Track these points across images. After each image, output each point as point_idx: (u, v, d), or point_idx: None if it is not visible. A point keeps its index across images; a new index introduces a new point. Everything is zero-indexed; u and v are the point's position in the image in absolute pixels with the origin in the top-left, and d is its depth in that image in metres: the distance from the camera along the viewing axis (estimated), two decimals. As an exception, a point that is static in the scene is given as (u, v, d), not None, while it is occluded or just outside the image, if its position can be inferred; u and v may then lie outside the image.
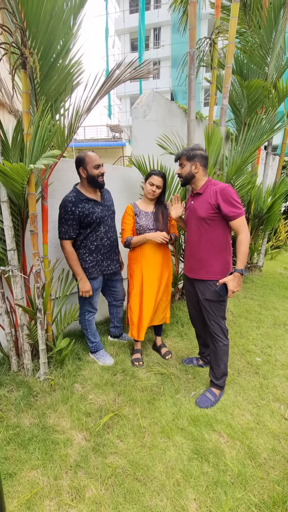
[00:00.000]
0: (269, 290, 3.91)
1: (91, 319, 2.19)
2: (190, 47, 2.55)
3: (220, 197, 1.62)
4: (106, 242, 2.07)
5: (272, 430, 1.66)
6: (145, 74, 1.91)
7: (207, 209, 1.67)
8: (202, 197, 1.72)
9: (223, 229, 1.71)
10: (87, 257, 2.02)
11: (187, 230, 1.86)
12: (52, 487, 1.31)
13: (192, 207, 1.78)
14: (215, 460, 1.46)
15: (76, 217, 1.89)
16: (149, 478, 1.37)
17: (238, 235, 1.63)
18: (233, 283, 1.62)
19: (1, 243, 1.76)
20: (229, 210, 1.61)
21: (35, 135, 1.46)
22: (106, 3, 15.68)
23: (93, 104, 1.86)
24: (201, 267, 1.78)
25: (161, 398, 1.87)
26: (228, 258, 1.76)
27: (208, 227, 1.70)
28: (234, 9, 2.58)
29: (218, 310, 1.78)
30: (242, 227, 1.62)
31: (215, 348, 1.82)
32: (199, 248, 1.76)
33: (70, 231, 1.91)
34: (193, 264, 1.83)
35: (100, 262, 2.07)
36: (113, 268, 2.17)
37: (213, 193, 1.65)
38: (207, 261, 1.75)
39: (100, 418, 1.68)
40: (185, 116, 3.58)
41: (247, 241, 1.61)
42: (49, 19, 1.30)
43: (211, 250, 1.73)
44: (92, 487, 1.32)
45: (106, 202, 2.07)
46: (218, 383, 1.86)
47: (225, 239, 1.73)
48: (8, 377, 1.90)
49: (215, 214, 1.66)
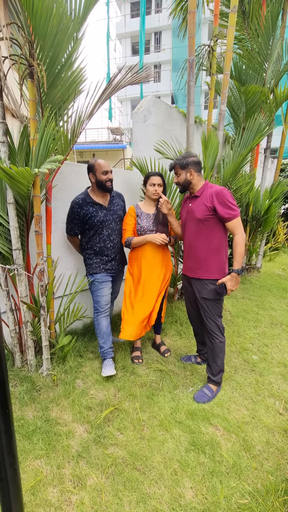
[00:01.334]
0: (267, 291, 3.98)
1: (100, 320, 2.14)
2: (189, 54, 2.64)
3: (216, 200, 1.70)
4: (109, 244, 2.15)
5: (267, 424, 1.72)
6: (144, 78, 2.00)
7: (204, 211, 1.75)
8: (199, 200, 1.80)
9: (220, 230, 1.79)
10: (92, 257, 2.16)
11: (185, 230, 1.93)
12: (55, 475, 1.37)
13: (190, 209, 1.86)
14: (211, 452, 1.53)
15: (81, 217, 2.06)
16: (147, 468, 1.43)
17: (234, 236, 1.73)
18: (231, 282, 1.73)
19: (7, 243, 1.84)
20: (224, 212, 1.70)
21: (41, 141, 1.54)
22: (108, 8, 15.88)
23: (94, 110, 1.94)
24: (199, 267, 1.85)
25: (159, 393, 1.93)
26: (224, 257, 1.84)
27: (205, 228, 1.78)
28: (231, 19, 2.67)
29: (215, 308, 1.85)
30: (237, 228, 1.71)
31: (212, 345, 1.89)
32: (197, 248, 1.84)
33: (75, 228, 2.13)
34: (191, 263, 1.90)
35: (104, 262, 2.17)
36: (117, 269, 2.25)
37: (209, 196, 1.74)
38: (205, 260, 1.82)
39: (101, 412, 1.75)
40: (184, 121, 3.67)
41: (243, 242, 1.71)
42: (56, 33, 1.39)
43: (208, 250, 1.81)
44: (93, 476, 1.38)
45: (113, 207, 2.16)
46: (215, 379, 1.93)
47: (221, 240, 1.81)
48: (12, 372, 1.97)
49: (211, 215, 1.74)
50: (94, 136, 17.88)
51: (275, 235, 6.46)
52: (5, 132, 1.59)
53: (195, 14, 2.55)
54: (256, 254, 4.63)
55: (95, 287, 2.15)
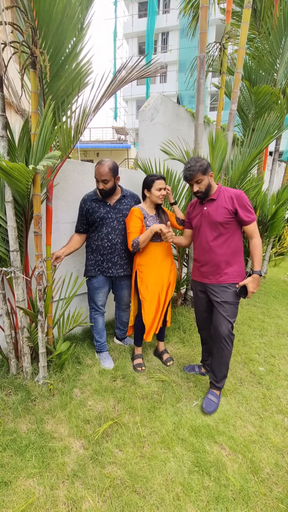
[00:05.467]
0: (272, 297, 3.86)
1: (97, 318, 2.24)
2: (200, 51, 2.53)
3: (237, 203, 1.68)
4: (106, 243, 2.07)
5: (276, 444, 1.61)
6: (152, 73, 1.89)
7: (224, 214, 1.70)
8: (217, 203, 1.74)
9: (238, 234, 1.77)
10: (89, 255, 2.14)
11: (199, 236, 1.84)
12: (48, 497, 1.27)
13: (205, 212, 1.77)
14: (216, 474, 1.42)
15: (83, 213, 2.07)
16: (148, 491, 1.32)
17: (252, 239, 1.72)
18: (253, 284, 1.69)
19: (4, 244, 1.74)
20: (245, 215, 1.68)
21: (39, 136, 1.44)
22: (115, 7, 15.84)
23: (100, 104, 1.83)
24: (219, 272, 1.78)
25: (161, 406, 1.82)
26: (243, 261, 1.81)
27: (225, 231, 1.73)
28: (245, 14, 2.57)
29: (234, 312, 1.79)
30: (255, 232, 1.71)
31: (219, 354, 1.82)
32: (216, 252, 1.76)
33: (79, 225, 2.13)
34: (208, 269, 1.82)
35: (100, 262, 2.10)
36: (115, 272, 2.13)
37: (228, 199, 1.70)
38: (226, 265, 1.76)
39: (99, 426, 1.64)
40: (192, 120, 3.57)
41: (261, 244, 1.72)
42: (61, 19, 1.29)
43: (228, 253, 1.75)
44: (89, 499, 1.27)
45: (120, 205, 2.10)
46: (219, 385, 1.89)
47: (240, 243, 1.78)
48: (7, 379, 1.86)
49: (231, 218, 1.70)
50: (99, 135, 17.82)
51: (281, 240, 6.34)
52: (4, 126, 1.49)
53: (207, 9, 2.44)
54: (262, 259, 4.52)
55: (91, 291, 2.19)
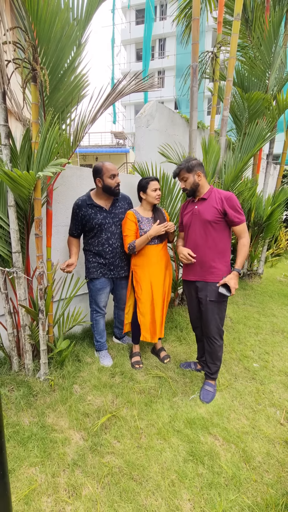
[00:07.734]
0: (268, 297, 3.94)
1: (98, 319, 2.30)
2: (193, 61, 2.65)
3: (226, 204, 1.76)
4: (107, 248, 2.14)
5: (268, 435, 1.68)
6: (148, 88, 2.00)
7: (214, 213, 1.78)
8: (207, 202, 1.83)
9: (227, 234, 1.84)
10: (91, 258, 2.19)
11: (189, 234, 1.93)
12: (49, 484, 1.34)
13: (196, 211, 1.86)
14: (210, 462, 1.49)
15: (79, 219, 2.08)
16: (144, 478, 1.39)
17: (240, 239, 1.79)
18: (235, 281, 1.75)
19: (7, 245, 1.83)
20: (234, 216, 1.76)
21: (43, 144, 1.54)
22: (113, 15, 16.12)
23: (97, 115, 1.94)
24: (206, 270, 1.86)
25: (158, 400, 1.90)
26: (229, 261, 1.88)
27: (214, 230, 1.81)
28: (235, 26, 2.69)
29: (221, 311, 1.88)
30: (244, 232, 1.79)
31: (210, 348, 1.94)
32: (204, 251, 1.85)
33: (73, 229, 2.15)
34: (197, 267, 1.90)
35: (102, 265, 2.18)
36: (117, 273, 2.22)
37: (218, 199, 1.79)
38: (213, 263, 1.84)
39: (98, 419, 1.72)
40: (187, 126, 3.68)
41: (248, 245, 1.80)
42: (60, 37, 1.40)
43: (215, 252, 1.83)
44: (88, 485, 1.35)
45: (115, 210, 2.16)
46: (213, 376, 2.00)
47: (228, 244, 1.85)
48: (9, 376, 1.94)
49: (220, 218, 1.79)
50: (98, 140, 18.03)
51: (277, 241, 6.43)
52: (7, 135, 1.59)
53: (198, 21, 2.56)
54: (258, 260, 4.60)
55: (93, 292, 2.23)
